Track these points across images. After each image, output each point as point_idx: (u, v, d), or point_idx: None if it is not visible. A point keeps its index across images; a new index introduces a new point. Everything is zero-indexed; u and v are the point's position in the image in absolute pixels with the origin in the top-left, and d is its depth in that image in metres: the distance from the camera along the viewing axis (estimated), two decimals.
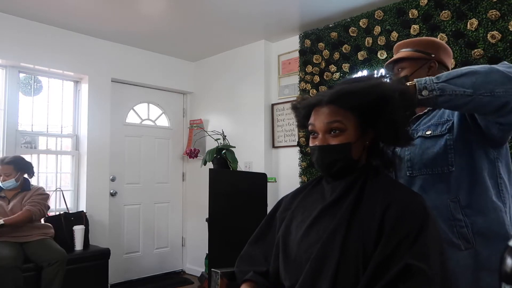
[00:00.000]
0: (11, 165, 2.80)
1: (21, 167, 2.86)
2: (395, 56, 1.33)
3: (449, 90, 0.97)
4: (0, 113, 3.17)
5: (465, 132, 1.14)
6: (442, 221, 1.11)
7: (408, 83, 1.03)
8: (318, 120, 1.01)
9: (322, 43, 3.24)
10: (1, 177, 2.80)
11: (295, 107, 1.13)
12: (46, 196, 2.96)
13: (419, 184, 1.18)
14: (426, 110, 1.26)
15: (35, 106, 3.39)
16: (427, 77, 1.01)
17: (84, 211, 3.37)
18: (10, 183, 2.81)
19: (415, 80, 1.02)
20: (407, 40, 1.35)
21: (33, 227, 2.81)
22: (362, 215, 0.93)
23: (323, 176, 1.10)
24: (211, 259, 2.87)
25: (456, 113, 1.16)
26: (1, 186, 2.83)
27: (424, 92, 0.99)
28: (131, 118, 4.03)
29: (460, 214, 1.10)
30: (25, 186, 2.91)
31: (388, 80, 1.02)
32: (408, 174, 1.21)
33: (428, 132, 1.19)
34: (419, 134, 1.22)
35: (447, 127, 1.16)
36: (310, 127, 1.05)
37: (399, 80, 1.00)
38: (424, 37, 1.38)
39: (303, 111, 1.09)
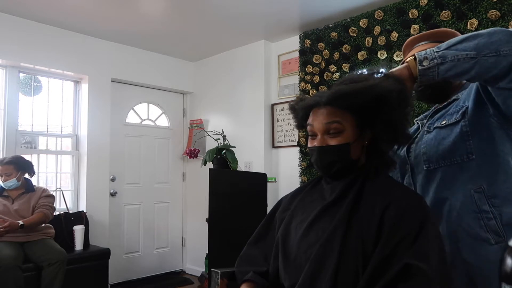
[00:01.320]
0: (11, 165, 2.81)
1: (21, 166, 2.87)
2: (414, 51, 1.22)
3: (451, 55, 0.92)
4: (0, 113, 3.17)
5: (482, 115, 1.04)
6: (467, 214, 1.02)
7: (408, 58, 1.00)
8: (316, 121, 1.02)
9: (322, 43, 3.24)
10: (2, 177, 2.80)
11: (293, 108, 1.13)
12: (54, 199, 3.01)
13: (439, 177, 1.09)
14: (445, 103, 1.17)
15: (35, 106, 3.39)
16: (427, 49, 0.97)
17: (84, 211, 3.37)
18: (12, 182, 2.81)
19: (415, 53, 0.98)
20: (420, 34, 1.27)
21: (33, 227, 2.81)
22: (361, 215, 0.93)
23: (323, 176, 1.10)
24: (211, 259, 2.87)
25: (471, 96, 1.07)
26: (3, 186, 2.83)
27: (425, 62, 0.94)
28: (131, 118, 4.03)
29: (486, 205, 1.00)
30: (28, 187, 2.92)
31: (386, 79, 1.02)
32: (425, 168, 1.12)
33: (443, 122, 1.12)
34: (435, 125, 1.14)
35: (461, 112, 1.07)
36: (308, 128, 1.05)
37: (397, 80, 0.99)
38: (438, 29, 1.29)
39: (301, 112, 1.09)
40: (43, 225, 2.94)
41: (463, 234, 1.02)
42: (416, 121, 1.28)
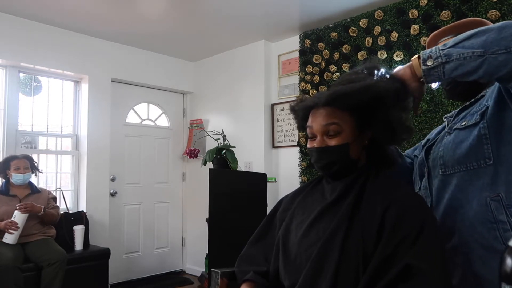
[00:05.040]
0: (27, 160, 2.91)
1: (33, 164, 2.97)
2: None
3: (456, 53, 0.85)
4: (0, 113, 3.17)
5: (503, 116, 0.94)
6: (481, 224, 0.94)
7: (413, 58, 0.95)
8: (315, 123, 1.02)
9: (322, 43, 3.24)
10: (20, 170, 2.83)
11: (293, 109, 1.13)
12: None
13: (454, 183, 1.01)
14: (472, 100, 1.08)
15: (35, 106, 3.39)
16: (433, 47, 0.91)
17: (84, 211, 3.37)
18: (29, 176, 2.89)
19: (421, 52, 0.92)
20: (444, 27, 1.17)
21: (34, 227, 2.80)
22: (362, 215, 0.93)
23: (324, 176, 1.10)
24: (211, 259, 2.87)
25: (493, 96, 0.98)
26: (16, 181, 2.82)
27: (429, 62, 0.88)
28: (131, 118, 4.03)
29: (503, 215, 0.91)
30: (33, 187, 2.95)
31: (383, 79, 1.02)
32: (441, 172, 1.05)
33: (463, 123, 1.02)
34: (455, 126, 1.05)
35: (481, 112, 0.98)
36: (308, 130, 1.05)
37: (394, 79, 0.98)
38: (463, 20, 1.16)
39: (301, 113, 1.09)
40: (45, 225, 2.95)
41: (475, 245, 0.95)
42: (444, 118, 1.18)
